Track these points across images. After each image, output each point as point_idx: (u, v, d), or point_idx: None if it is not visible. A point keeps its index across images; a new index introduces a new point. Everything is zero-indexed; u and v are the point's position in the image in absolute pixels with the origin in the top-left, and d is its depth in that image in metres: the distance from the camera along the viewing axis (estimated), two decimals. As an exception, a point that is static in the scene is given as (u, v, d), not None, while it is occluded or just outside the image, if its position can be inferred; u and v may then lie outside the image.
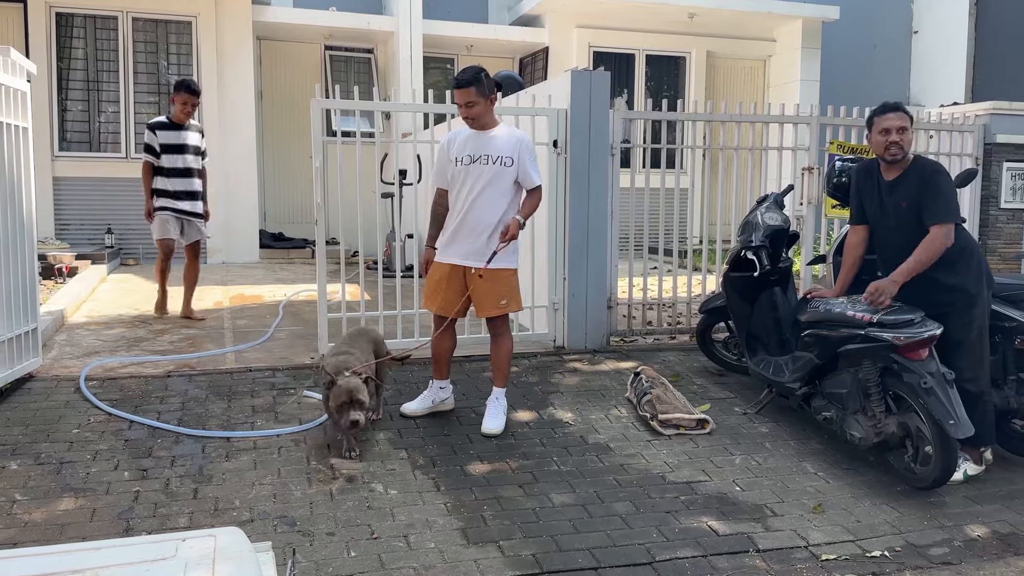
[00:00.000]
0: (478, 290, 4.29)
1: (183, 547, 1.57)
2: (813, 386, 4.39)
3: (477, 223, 4.25)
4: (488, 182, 4.23)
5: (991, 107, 7.07)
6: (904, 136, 4.00)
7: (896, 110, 4.07)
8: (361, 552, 3.16)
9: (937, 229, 3.88)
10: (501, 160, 4.23)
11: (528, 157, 4.29)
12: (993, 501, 3.79)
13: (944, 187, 3.93)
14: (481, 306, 4.33)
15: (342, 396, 3.81)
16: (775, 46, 13.05)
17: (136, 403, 4.55)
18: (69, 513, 3.37)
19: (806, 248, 6.36)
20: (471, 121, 4.26)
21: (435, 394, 4.57)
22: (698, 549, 3.26)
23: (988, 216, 7.07)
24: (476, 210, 4.25)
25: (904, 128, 4.00)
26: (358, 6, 11.83)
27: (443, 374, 4.57)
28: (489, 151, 4.24)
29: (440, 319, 4.45)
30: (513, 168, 4.26)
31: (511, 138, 4.31)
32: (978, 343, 3.95)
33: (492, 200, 4.24)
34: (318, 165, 5.26)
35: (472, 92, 4.18)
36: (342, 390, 3.82)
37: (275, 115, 11.67)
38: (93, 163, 10.07)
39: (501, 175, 4.24)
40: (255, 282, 8.72)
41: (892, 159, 4.04)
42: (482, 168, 4.23)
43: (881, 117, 4.07)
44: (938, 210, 3.90)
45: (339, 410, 3.83)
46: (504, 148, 4.25)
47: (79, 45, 10.03)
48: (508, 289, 4.34)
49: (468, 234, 4.27)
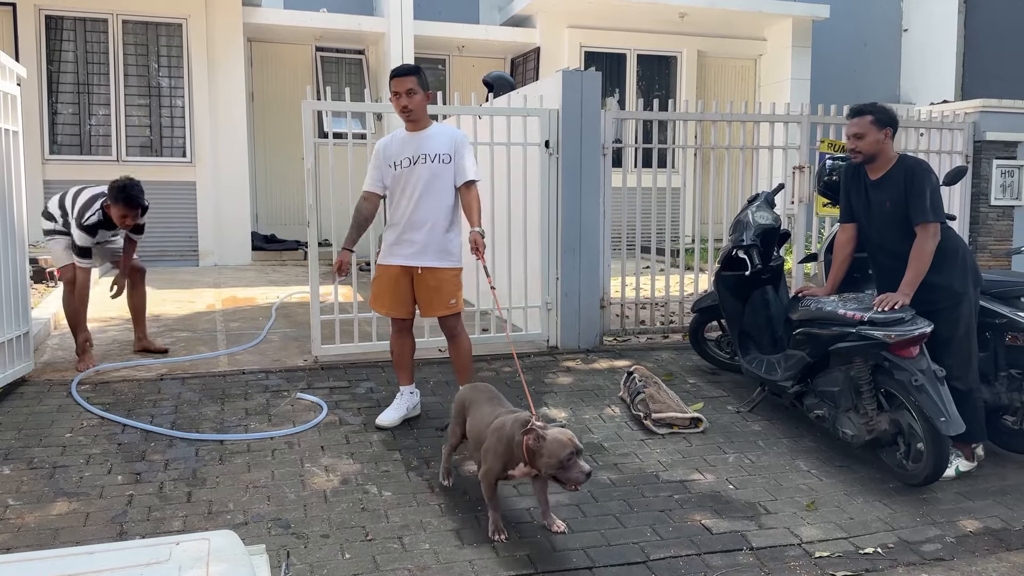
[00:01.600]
0: (426, 291, 4.28)
1: (177, 550, 1.57)
2: (805, 384, 4.41)
3: (421, 223, 4.24)
4: (429, 181, 4.23)
5: (981, 104, 7.11)
6: (861, 141, 4.05)
7: (858, 115, 4.11)
8: (355, 554, 3.16)
9: (923, 230, 3.91)
10: (439, 158, 4.23)
11: (465, 151, 4.28)
12: (985, 497, 3.81)
13: (928, 186, 3.95)
14: (430, 306, 4.31)
15: (567, 447, 3.07)
16: (766, 45, 13.09)
17: (129, 407, 4.54)
18: (63, 517, 3.36)
19: (797, 246, 6.38)
20: (408, 113, 4.22)
21: (408, 400, 4.51)
22: (692, 547, 3.27)
23: (978, 213, 7.11)
24: (420, 210, 4.24)
25: (859, 135, 4.05)
26: (349, 7, 11.83)
27: (409, 379, 4.53)
28: (426, 150, 4.24)
29: (399, 321, 4.42)
30: (451, 165, 4.25)
31: (446, 135, 4.31)
32: (965, 340, 3.97)
33: (434, 198, 4.24)
34: (310, 167, 5.26)
35: (413, 80, 4.18)
36: (562, 441, 3.08)
37: (266, 117, 11.65)
38: (84, 166, 10.02)
39: (441, 173, 4.24)
40: (247, 284, 8.70)
41: (854, 161, 4.17)
42: (421, 167, 4.23)
43: (848, 122, 4.16)
44: (923, 210, 3.92)
45: (564, 464, 3.07)
46: (440, 146, 4.25)
47: (69, 48, 9.99)
48: (455, 288, 4.33)
49: (412, 236, 4.27)
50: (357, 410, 4.63)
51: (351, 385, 5.02)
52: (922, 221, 3.92)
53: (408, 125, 4.32)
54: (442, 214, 4.26)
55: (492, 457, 3.24)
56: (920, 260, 3.91)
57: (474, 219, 4.18)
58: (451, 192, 4.28)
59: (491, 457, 3.24)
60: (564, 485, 3.13)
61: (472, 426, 3.47)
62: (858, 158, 4.12)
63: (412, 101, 4.18)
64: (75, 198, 5.26)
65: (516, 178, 5.91)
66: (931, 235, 3.91)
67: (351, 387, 4.98)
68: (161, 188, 10.09)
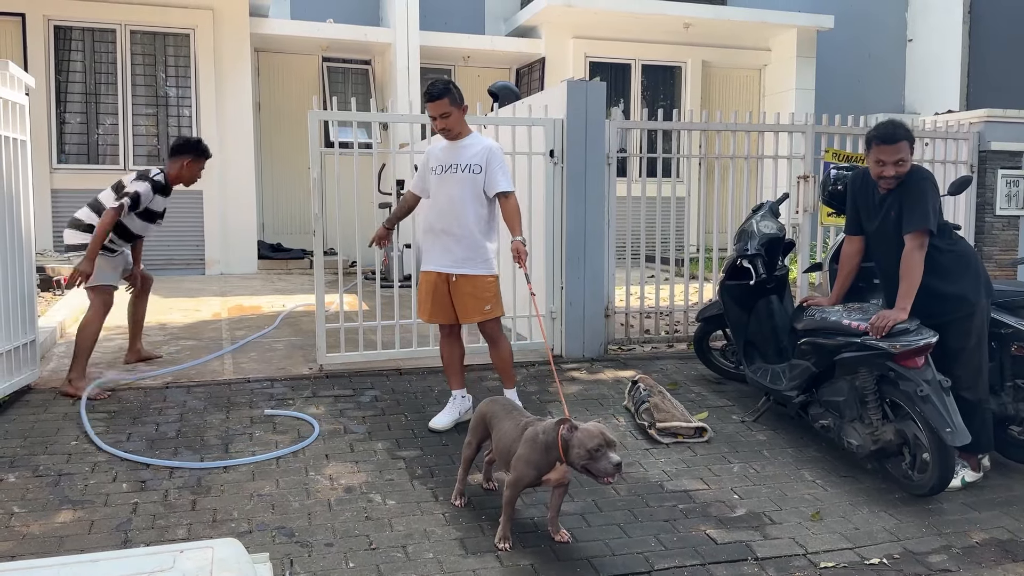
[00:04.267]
0: (462, 298, 4.39)
1: (181, 559, 1.57)
2: (810, 394, 4.40)
3: (454, 231, 4.36)
4: (459, 190, 4.35)
5: (985, 115, 7.10)
6: (903, 167, 3.90)
7: (896, 140, 3.88)
8: (359, 563, 3.16)
9: (911, 240, 3.85)
10: (470, 168, 4.35)
11: (496, 163, 4.37)
12: (991, 508, 3.79)
13: (924, 195, 3.87)
14: (466, 313, 4.42)
15: (596, 437, 3.08)
16: (770, 55, 13.11)
17: (134, 415, 4.55)
18: (67, 525, 3.37)
19: (802, 256, 6.38)
20: (447, 132, 4.36)
21: (460, 405, 4.59)
22: (696, 558, 3.26)
23: (984, 223, 7.10)
24: (452, 219, 4.36)
25: (903, 161, 3.88)
26: (355, 18, 11.89)
27: (460, 383, 4.62)
28: (459, 160, 4.37)
29: (446, 327, 4.54)
30: (482, 175, 4.34)
31: (480, 146, 4.41)
32: (977, 351, 3.95)
33: (466, 207, 4.35)
34: (316, 176, 5.28)
35: (446, 103, 4.29)
36: (591, 431, 3.10)
37: (273, 126, 11.71)
38: (92, 175, 10.06)
39: (471, 183, 4.35)
40: (253, 293, 8.72)
41: (886, 188, 3.99)
42: (453, 177, 4.36)
43: (879, 147, 3.92)
44: (912, 219, 3.86)
45: (593, 455, 3.07)
46: (473, 156, 4.36)
47: (77, 58, 10.07)
48: (491, 295, 4.42)
49: (445, 243, 4.39)
50: (361, 419, 4.63)
51: (356, 394, 5.02)
52: (909, 231, 3.85)
53: (448, 134, 4.43)
54: (474, 222, 4.35)
55: (524, 465, 3.23)
56: (910, 272, 3.84)
57: (514, 228, 4.29)
58: (483, 201, 4.38)
59: (522, 465, 3.23)
60: (596, 478, 3.12)
61: (498, 439, 3.46)
62: (892, 184, 3.94)
63: (448, 122, 4.34)
64: (119, 183, 5.12)
65: (521, 187, 5.90)
66: (918, 245, 3.83)
67: (356, 396, 4.99)
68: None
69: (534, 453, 3.21)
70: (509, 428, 3.40)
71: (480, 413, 3.65)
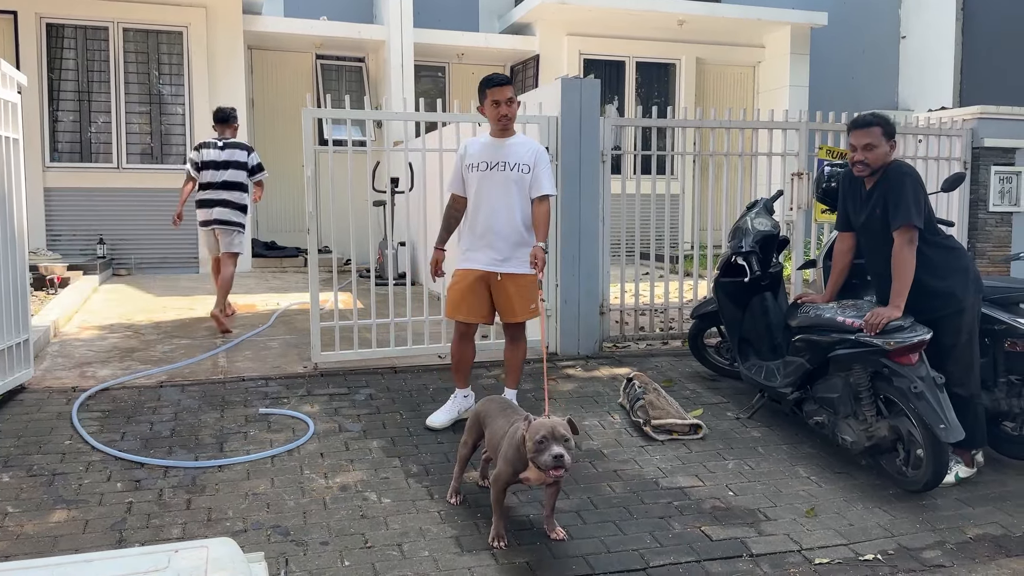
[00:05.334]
0: (509, 297, 4.34)
1: (175, 558, 1.57)
2: (805, 391, 4.41)
3: (501, 230, 4.31)
4: (507, 189, 4.30)
5: (979, 111, 7.12)
6: (871, 153, 3.96)
7: (865, 126, 4.00)
8: (355, 561, 3.15)
9: (899, 236, 3.87)
10: (519, 167, 4.31)
11: (544, 165, 4.37)
12: (985, 503, 3.81)
13: (905, 190, 3.88)
14: (513, 312, 4.37)
15: (540, 430, 3.08)
16: (764, 52, 13.13)
17: (128, 414, 4.54)
18: (62, 525, 3.36)
19: (796, 253, 6.39)
20: (506, 121, 4.31)
21: (460, 403, 4.58)
22: (692, 554, 3.27)
23: (977, 219, 7.12)
24: (499, 218, 4.31)
25: (870, 145, 3.96)
26: (349, 15, 11.87)
27: (466, 382, 4.61)
28: (507, 158, 4.32)
29: (464, 326, 4.47)
30: (529, 175, 4.32)
31: (529, 146, 4.40)
32: (968, 347, 3.96)
33: (513, 206, 4.31)
34: (310, 174, 5.27)
35: (512, 90, 4.31)
36: (538, 425, 3.12)
37: (267, 124, 11.68)
38: (85, 173, 10.06)
39: (519, 182, 4.31)
40: (247, 291, 8.70)
41: (858, 175, 4.07)
42: (501, 174, 4.31)
43: (851, 132, 4.06)
44: (897, 215, 3.87)
45: (538, 448, 3.08)
46: (522, 156, 4.33)
47: (70, 56, 10.03)
48: (535, 293, 4.41)
49: (491, 241, 4.33)
50: (356, 417, 4.63)
51: (351, 392, 5.02)
52: (896, 227, 3.86)
53: (496, 132, 4.38)
54: (521, 221, 4.33)
55: (503, 462, 3.25)
56: (902, 269, 3.85)
57: (540, 234, 4.29)
58: (528, 202, 4.35)
59: (502, 462, 3.25)
60: (543, 473, 3.09)
61: (490, 437, 3.48)
62: (864, 171, 4.01)
63: (511, 110, 4.30)
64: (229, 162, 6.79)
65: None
66: (907, 241, 3.84)
67: (351, 394, 4.99)
68: (161, 195, 10.13)
69: (510, 450, 3.23)
70: (500, 426, 3.42)
71: (475, 412, 3.66)
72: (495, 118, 4.32)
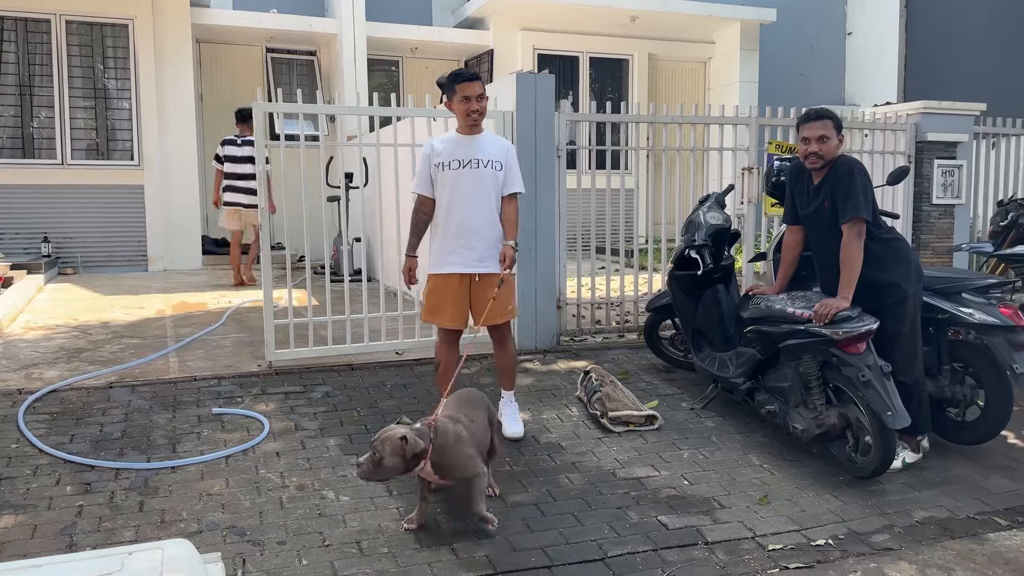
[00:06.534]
0: (485, 299, 4.16)
1: (130, 560, 1.55)
2: (756, 381, 4.49)
3: (477, 229, 4.19)
4: (481, 186, 4.19)
5: (922, 106, 7.31)
6: (825, 145, 4.04)
7: (819, 118, 4.08)
8: (313, 560, 3.13)
9: (847, 229, 3.96)
10: (491, 164, 4.21)
11: (515, 163, 4.31)
12: (930, 487, 3.93)
13: (855, 185, 3.96)
14: (491, 315, 4.17)
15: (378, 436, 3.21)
16: (715, 48, 13.30)
17: (77, 416, 4.44)
18: (9, 531, 3.27)
19: (747, 246, 6.50)
20: (477, 117, 4.20)
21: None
22: (649, 543, 3.31)
23: (921, 212, 7.31)
24: (474, 216, 4.18)
25: (824, 137, 4.03)
26: (300, 8, 11.72)
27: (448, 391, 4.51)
28: (479, 155, 4.20)
29: (446, 332, 4.32)
30: (501, 173, 4.24)
31: (499, 144, 4.33)
32: (911, 336, 4.07)
33: (486, 204, 4.20)
34: (261, 169, 5.20)
35: (482, 86, 4.21)
36: (383, 431, 3.23)
37: (216, 118, 11.46)
38: (27, 170, 9.77)
39: (493, 179, 4.22)
40: (197, 289, 8.56)
41: (812, 167, 4.14)
42: (474, 172, 4.19)
43: (804, 125, 4.12)
44: (846, 209, 3.96)
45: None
46: (494, 153, 4.24)
47: (10, 48, 9.72)
48: (512, 293, 4.35)
49: (468, 241, 4.19)
50: (313, 415, 4.59)
51: (306, 390, 4.97)
52: (845, 220, 3.95)
53: (465, 128, 4.26)
54: (495, 220, 4.23)
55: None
56: (850, 261, 3.94)
57: (511, 232, 4.22)
58: (500, 198, 4.26)
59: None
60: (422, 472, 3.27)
61: None
62: (817, 163, 4.07)
63: (482, 106, 4.19)
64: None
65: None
66: (856, 234, 3.93)
67: (307, 392, 4.94)
68: (108, 192, 9.90)
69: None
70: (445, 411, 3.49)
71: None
72: (464, 114, 4.18)
